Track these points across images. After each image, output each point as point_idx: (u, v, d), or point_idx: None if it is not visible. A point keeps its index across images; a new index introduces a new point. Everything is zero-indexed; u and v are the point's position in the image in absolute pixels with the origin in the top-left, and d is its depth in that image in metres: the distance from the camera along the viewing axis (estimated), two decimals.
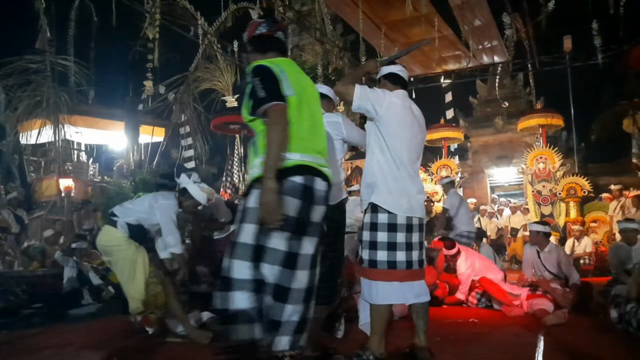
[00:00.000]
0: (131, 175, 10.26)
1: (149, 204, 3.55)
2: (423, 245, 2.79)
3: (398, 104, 2.72)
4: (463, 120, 17.66)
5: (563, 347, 3.21)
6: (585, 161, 15.62)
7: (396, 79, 2.85)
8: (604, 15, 7.16)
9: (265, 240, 1.91)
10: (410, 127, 2.75)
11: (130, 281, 3.44)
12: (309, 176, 1.94)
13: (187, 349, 3.18)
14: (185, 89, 11.43)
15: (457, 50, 9.52)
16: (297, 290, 1.92)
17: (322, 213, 2.03)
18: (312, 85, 2.18)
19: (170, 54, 12.62)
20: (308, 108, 2.04)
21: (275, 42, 2.16)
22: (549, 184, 10.54)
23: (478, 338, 3.49)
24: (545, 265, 4.86)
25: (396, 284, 2.62)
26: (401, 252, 2.65)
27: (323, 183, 1.99)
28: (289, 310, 1.90)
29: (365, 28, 8.06)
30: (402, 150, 2.69)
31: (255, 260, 1.90)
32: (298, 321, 1.92)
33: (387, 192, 2.66)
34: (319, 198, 1.98)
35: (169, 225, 3.47)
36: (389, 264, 2.63)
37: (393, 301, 2.67)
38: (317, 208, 1.98)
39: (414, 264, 2.67)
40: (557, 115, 11.82)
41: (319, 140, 2.05)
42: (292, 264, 1.92)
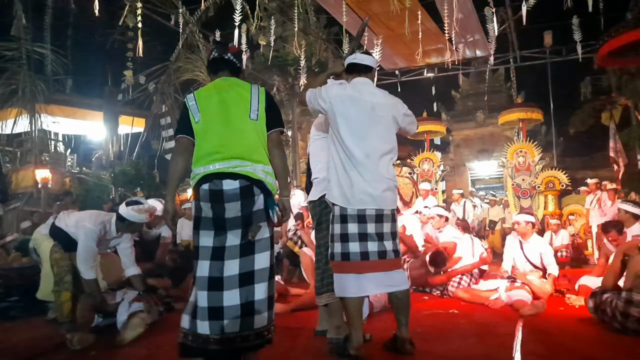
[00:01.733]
0: (110, 166, 10.09)
1: (78, 220, 3.53)
2: (389, 235, 2.73)
3: (343, 96, 2.71)
4: (445, 114, 17.82)
5: (541, 336, 3.27)
6: (564, 155, 15.94)
7: (352, 68, 2.86)
8: (584, 11, 7.26)
9: (197, 241, 2.29)
10: (360, 117, 2.70)
11: (42, 272, 3.64)
12: (217, 181, 2.25)
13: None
14: (166, 79, 11.25)
15: (440, 44, 9.55)
16: (229, 277, 2.20)
17: (239, 208, 2.26)
18: (235, 97, 2.38)
19: (151, 43, 12.42)
20: (220, 123, 2.32)
21: (225, 63, 2.50)
22: (529, 178, 10.70)
23: (459, 329, 3.54)
24: (527, 256, 4.94)
25: (352, 276, 2.63)
26: (354, 243, 2.65)
27: (234, 182, 2.24)
28: (228, 296, 2.17)
29: (349, 20, 8.03)
30: (351, 142, 2.67)
31: (195, 258, 2.28)
32: (241, 304, 2.17)
33: (337, 186, 2.70)
34: (230, 196, 2.25)
35: (83, 252, 3.37)
36: (343, 255, 2.66)
37: (352, 294, 2.64)
38: (231, 205, 2.25)
39: (371, 255, 2.65)
40: (537, 109, 12.00)
41: (236, 145, 2.29)
42: (218, 255, 2.23)
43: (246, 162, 2.28)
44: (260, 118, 2.36)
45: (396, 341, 2.78)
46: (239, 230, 2.26)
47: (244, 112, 2.35)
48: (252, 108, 2.35)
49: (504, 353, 2.83)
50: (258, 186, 2.29)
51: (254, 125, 2.35)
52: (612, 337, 3.23)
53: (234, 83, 2.45)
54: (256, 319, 2.19)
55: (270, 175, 2.35)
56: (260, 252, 2.27)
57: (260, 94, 2.41)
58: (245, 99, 2.37)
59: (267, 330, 2.24)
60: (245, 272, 2.22)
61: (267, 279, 2.25)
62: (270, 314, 2.26)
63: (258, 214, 2.29)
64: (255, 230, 2.26)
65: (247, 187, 2.27)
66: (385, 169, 2.74)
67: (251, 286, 2.21)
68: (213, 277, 2.21)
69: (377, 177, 2.70)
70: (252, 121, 2.34)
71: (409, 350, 2.72)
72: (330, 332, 3.03)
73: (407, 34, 8.19)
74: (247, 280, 2.21)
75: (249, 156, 2.29)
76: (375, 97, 2.77)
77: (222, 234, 2.27)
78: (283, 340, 3.12)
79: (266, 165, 2.34)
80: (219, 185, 2.26)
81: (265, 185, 2.31)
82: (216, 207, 2.27)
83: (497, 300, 4.46)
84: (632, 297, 3.26)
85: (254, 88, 2.42)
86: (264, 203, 2.30)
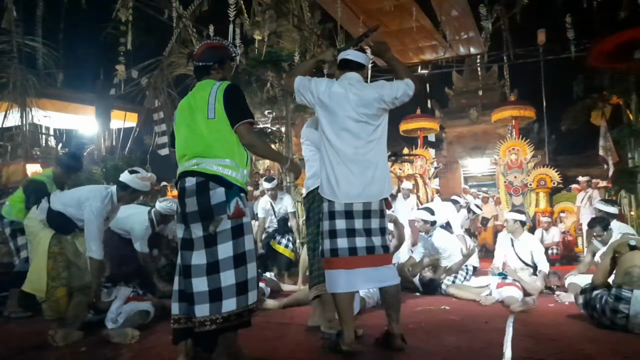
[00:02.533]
0: (102, 161, 10.01)
1: (79, 198, 3.44)
2: (377, 231, 2.73)
3: (331, 93, 2.73)
4: (439, 111, 17.85)
5: (532, 333, 3.30)
6: (556, 153, 16.04)
7: (345, 64, 2.87)
8: (577, 10, 7.30)
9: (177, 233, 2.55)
10: (347, 114, 2.71)
11: (33, 264, 3.42)
12: (182, 179, 2.49)
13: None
14: (159, 73, 11.14)
15: (434, 41, 9.54)
16: (197, 265, 2.36)
17: (195, 202, 2.41)
18: (197, 101, 2.52)
19: (144, 37, 12.30)
20: (185, 124, 2.55)
21: (196, 70, 2.67)
22: (521, 175, 10.76)
23: (450, 325, 3.56)
24: (518, 254, 4.98)
25: (342, 272, 2.65)
26: (342, 239, 2.67)
27: (192, 179, 2.43)
28: (196, 282, 2.34)
29: (344, 16, 8.01)
30: (337, 138, 2.72)
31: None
32: (209, 290, 2.33)
33: (326, 180, 2.76)
34: (188, 192, 2.44)
35: (95, 230, 3.35)
36: (332, 251, 2.69)
37: (343, 289, 2.66)
38: (189, 200, 2.43)
39: (359, 251, 2.67)
40: (530, 107, 12.06)
41: (196, 145, 2.48)
42: (188, 246, 2.43)
43: (203, 159, 2.44)
44: (218, 116, 2.46)
45: (387, 337, 2.79)
46: (199, 224, 2.41)
47: (203, 113, 2.48)
48: (210, 108, 2.47)
49: (495, 349, 2.85)
50: (214, 181, 2.41)
51: (212, 124, 2.47)
52: (601, 333, 3.26)
53: (202, 87, 2.58)
54: (224, 303, 2.32)
55: (230, 168, 2.43)
56: (223, 242, 2.38)
57: (219, 92, 2.48)
58: (204, 100, 2.50)
59: (238, 314, 2.34)
60: (211, 263, 2.37)
61: (234, 266, 2.37)
62: (241, 299, 2.35)
63: (218, 207, 2.39)
64: (216, 223, 2.37)
65: (202, 182, 2.42)
66: (373, 160, 2.74)
67: (217, 274, 2.35)
68: (184, 265, 2.42)
69: (364, 171, 2.71)
70: (210, 120, 2.47)
71: (399, 345, 2.73)
72: (323, 326, 3.06)
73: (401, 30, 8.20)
74: (213, 270, 2.36)
75: (206, 153, 2.45)
76: (363, 92, 2.75)
77: (187, 227, 2.45)
78: (275, 336, 3.13)
79: (223, 159, 2.44)
80: (183, 182, 2.48)
81: (223, 178, 2.42)
82: (181, 203, 2.49)
83: (488, 297, 4.49)
84: (621, 293, 3.29)
85: (214, 87, 2.51)
86: (224, 196, 2.39)
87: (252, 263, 2.44)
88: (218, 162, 2.43)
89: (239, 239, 2.41)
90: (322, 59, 3.07)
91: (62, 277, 3.32)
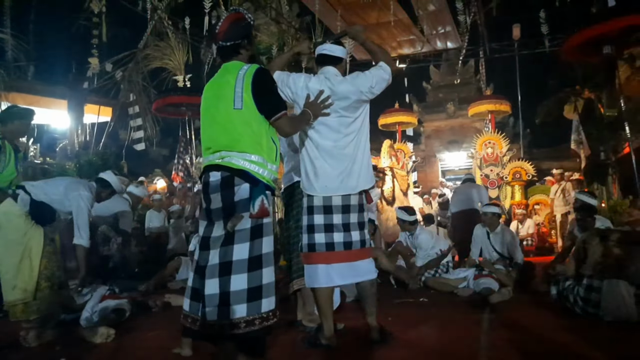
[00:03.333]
0: (75, 156, 9.77)
1: (65, 188, 3.37)
2: (355, 225, 2.72)
3: (309, 88, 2.67)
4: (417, 105, 17.97)
5: (507, 323, 3.36)
6: (530, 146, 16.33)
7: (322, 59, 2.82)
8: (551, 5, 7.42)
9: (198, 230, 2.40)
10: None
11: (15, 266, 3.10)
12: (206, 174, 2.35)
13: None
14: (134, 66, 10.92)
15: (411, 35, 9.60)
16: (211, 266, 2.22)
17: (219, 199, 2.28)
18: (222, 87, 2.34)
19: (118, 29, 12.01)
20: (210, 114, 2.37)
21: (219, 51, 2.42)
22: (497, 168, 10.94)
23: (428, 317, 3.60)
24: (494, 246, 5.07)
25: (321, 267, 2.66)
26: (320, 234, 2.67)
27: (217, 174, 2.29)
28: (209, 284, 2.20)
29: (322, 9, 7.98)
30: (315, 132, 2.69)
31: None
32: (219, 293, 2.18)
33: (305, 175, 2.74)
34: (213, 187, 2.30)
35: (84, 218, 3.35)
36: (309, 246, 2.70)
37: (321, 284, 2.66)
38: (214, 196, 2.30)
39: (337, 246, 2.66)
40: (505, 101, 12.23)
41: (221, 137, 2.32)
42: (206, 245, 2.28)
43: (231, 153, 2.28)
44: (245, 105, 2.26)
45: (368, 330, 2.81)
46: (222, 221, 2.27)
47: (228, 102, 2.28)
48: (236, 96, 2.27)
49: (472, 339, 2.90)
50: (240, 176, 2.25)
51: (239, 115, 2.27)
52: (574, 322, 3.34)
53: (227, 70, 2.38)
54: (232, 309, 2.15)
55: (257, 164, 2.27)
56: (240, 242, 2.22)
57: (247, 77, 2.28)
58: (230, 87, 2.29)
59: (248, 322, 2.15)
60: (224, 262, 2.21)
61: (247, 270, 2.19)
62: (253, 305, 2.17)
63: (241, 204, 2.24)
64: (235, 220, 2.22)
65: (228, 177, 2.27)
66: (352, 152, 2.71)
67: (228, 277, 2.18)
68: (199, 266, 2.29)
69: (342, 163, 2.69)
70: (237, 111, 2.27)
71: (376, 338, 2.75)
72: (304, 320, 3.06)
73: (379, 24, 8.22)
74: (225, 271, 2.20)
75: (233, 147, 2.28)
76: (341, 86, 2.69)
77: (211, 224, 2.32)
78: None
79: (250, 154, 2.27)
80: (207, 177, 2.33)
81: (250, 174, 2.25)
82: (205, 199, 2.35)
83: (465, 289, 4.56)
84: (592, 283, 3.38)
85: (241, 71, 2.31)
86: (248, 192, 2.23)
87: (269, 267, 2.26)
88: (245, 157, 2.26)
89: (256, 241, 2.24)
90: (298, 51, 3.00)
91: (57, 276, 3.24)
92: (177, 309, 3.85)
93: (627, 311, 3.21)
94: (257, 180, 2.25)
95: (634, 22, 7.09)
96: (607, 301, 3.26)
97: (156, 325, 3.57)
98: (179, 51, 10.49)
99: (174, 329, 3.12)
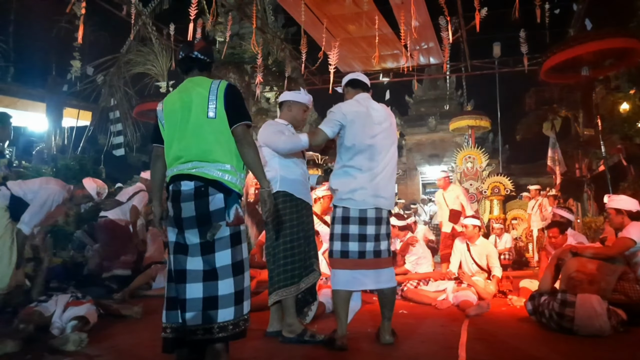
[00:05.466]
0: (52, 160, 9.57)
1: (40, 183, 3.58)
2: (384, 236, 2.99)
3: (353, 111, 2.98)
4: (399, 119, 18.19)
5: (485, 335, 3.39)
6: (509, 162, 16.65)
7: (356, 84, 3.19)
8: (531, 25, 7.63)
9: (167, 236, 2.41)
10: (369, 131, 2.96)
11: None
12: (177, 182, 2.35)
13: None
14: (116, 71, 10.80)
15: (395, 50, 9.72)
16: (192, 271, 2.25)
17: (193, 208, 2.29)
18: (195, 98, 2.37)
19: (100, 33, 11.88)
20: (180, 125, 2.38)
21: (193, 62, 2.50)
22: (476, 183, 11.11)
23: (407, 329, 3.60)
24: (474, 258, 5.12)
25: (347, 272, 2.91)
26: (354, 242, 2.92)
27: (189, 183, 2.31)
28: (191, 288, 2.23)
29: (307, 20, 8.02)
30: (360, 153, 2.94)
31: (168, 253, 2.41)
32: (203, 297, 2.22)
33: (344, 188, 2.95)
34: (185, 196, 2.32)
35: (37, 207, 3.50)
36: (342, 253, 2.94)
37: (344, 287, 2.91)
38: (186, 204, 2.31)
39: (368, 254, 2.91)
40: (486, 117, 12.49)
41: (193, 147, 2.34)
42: (181, 250, 2.31)
43: (202, 163, 2.32)
44: (219, 116, 2.34)
45: (379, 332, 3.06)
46: (195, 230, 2.30)
47: (202, 112, 2.34)
48: (210, 106, 2.34)
49: (450, 351, 2.91)
50: (214, 186, 2.30)
51: (212, 125, 2.34)
52: (550, 335, 3.39)
53: (196, 83, 2.44)
54: (220, 313, 2.22)
55: (230, 173, 2.33)
56: (221, 250, 2.29)
57: (220, 90, 2.37)
58: (203, 98, 2.36)
59: (235, 324, 2.24)
60: (209, 270, 2.26)
61: (232, 274, 2.27)
62: (239, 308, 2.27)
63: (216, 214, 2.29)
64: (214, 230, 2.27)
65: (201, 187, 2.30)
66: (390, 174, 3.03)
67: (215, 282, 2.25)
68: (178, 270, 2.29)
69: (382, 181, 2.96)
70: (210, 120, 2.34)
71: (388, 340, 2.97)
72: (284, 331, 3.03)
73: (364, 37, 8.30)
74: (210, 277, 2.25)
75: (206, 157, 2.32)
76: (378, 110, 3.06)
77: (181, 232, 2.34)
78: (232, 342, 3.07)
79: (224, 164, 2.33)
80: (178, 186, 2.34)
81: (223, 184, 2.31)
82: (175, 207, 2.35)
83: (444, 301, 4.59)
84: (566, 298, 3.44)
85: (213, 84, 2.39)
86: (223, 202, 2.30)
87: (247, 272, 2.35)
88: (218, 167, 2.32)
89: (237, 247, 2.32)
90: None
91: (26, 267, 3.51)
92: (154, 316, 3.78)
93: (599, 325, 3.27)
94: (230, 190, 2.32)
95: (609, 45, 7.33)
96: (580, 315, 3.32)
97: (133, 330, 3.49)
98: (162, 57, 10.43)
99: (150, 334, 3.07)
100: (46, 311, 3.33)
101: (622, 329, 3.37)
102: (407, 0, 7.18)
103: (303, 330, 3.04)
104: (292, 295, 3.05)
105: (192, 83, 2.46)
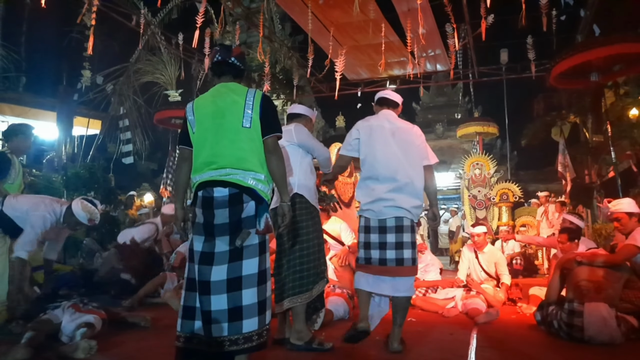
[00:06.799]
0: (63, 169, 9.67)
1: (28, 208, 3.54)
2: (408, 245, 3.05)
3: (368, 126, 3.17)
4: None
5: (494, 343, 3.36)
6: (517, 168, 16.57)
7: (382, 102, 3.35)
8: (538, 31, 7.61)
9: (191, 244, 2.37)
10: (382, 142, 3.11)
11: None
12: (209, 188, 2.34)
13: None
14: (125, 80, 10.93)
15: (402, 57, 9.74)
16: (216, 282, 2.22)
17: (227, 215, 2.29)
18: (229, 105, 2.39)
19: (110, 42, 12.03)
20: (214, 133, 2.37)
21: (228, 67, 2.50)
22: (484, 189, 11.03)
23: (416, 336, 3.58)
24: (482, 266, 5.08)
25: (370, 276, 3.08)
26: (375, 250, 3.08)
27: (223, 190, 2.31)
28: (215, 300, 2.20)
29: (314, 29, 8.06)
30: (375, 164, 3.10)
31: (188, 260, 2.37)
32: (229, 309, 2.19)
33: (367, 200, 3.13)
34: (219, 203, 2.31)
35: (32, 236, 3.49)
36: (366, 260, 3.12)
37: (366, 288, 3.09)
38: (220, 211, 2.31)
39: (389, 262, 3.02)
40: (493, 123, 12.43)
41: (228, 154, 2.34)
42: (207, 261, 2.27)
43: (237, 171, 2.32)
44: (253, 125, 2.36)
45: (387, 338, 3.10)
46: (227, 237, 2.29)
47: (237, 120, 2.36)
48: (245, 115, 2.36)
49: (460, 359, 2.89)
50: (248, 194, 2.31)
51: (247, 133, 2.36)
52: (560, 343, 3.36)
53: (231, 89, 2.45)
54: (245, 323, 2.20)
55: (263, 182, 2.35)
56: (249, 258, 2.28)
57: (255, 99, 2.38)
58: (239, 106, 2.37)
59: (259, 334, 2.22)
60: (233, 278, 2.24)
61: (257, 284, 2.25)
62: (262, 318, 2.25)
63: (247, 221, 2.30)
64: (244, 236, 2.27)
65: (236, 194, 2.31)
66: (414, 187, 3.11)
67: (239, 292, 2.22)
68: (202, 281, 2.26)
69: (403, 193, 3.06)
70: (245, 129, 2.35)
71: (395, 348, 2.99)
72: (292, 338, 3.03)
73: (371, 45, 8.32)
74: (235, 286, 2.23)
75: (241, 165, 2.33)
76: (395, 124, 3.20)
77: (211, 240, 2.30)
78: None
79: (258, 173, 2.35)
80: (211, 192, 2.33)
81: (256, 192, 2.32)
82: (207, 214, 2.33)
83: (452, 309, 4.56)
84: (574, 307, 3.40)
85: (249, 94, 2.40)
86: (254, 210, 2.31)
87: (269, 281, 2.35)
88: (253, 176, 2.33)
89: (263, 256, 2.32)
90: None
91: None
92: (163, 323, 3.79)
93: (610, 333, 3.23)
94: (262, 199, 2.33)
95: (617, 51, 7.29)
96: (589, 324, 3.28)
97: (142, 338, 3.49)
98: (171, 66, 10.54)
99: (160, 342, 3.07)
100: (56, 319, 3.35)
101: (634, 336, 3.32)
102: (414, 8, 7.20)
103: (311, 337, 3.03)
104: (305, 302, 3.05)
105: (227, 89, 2.45)
